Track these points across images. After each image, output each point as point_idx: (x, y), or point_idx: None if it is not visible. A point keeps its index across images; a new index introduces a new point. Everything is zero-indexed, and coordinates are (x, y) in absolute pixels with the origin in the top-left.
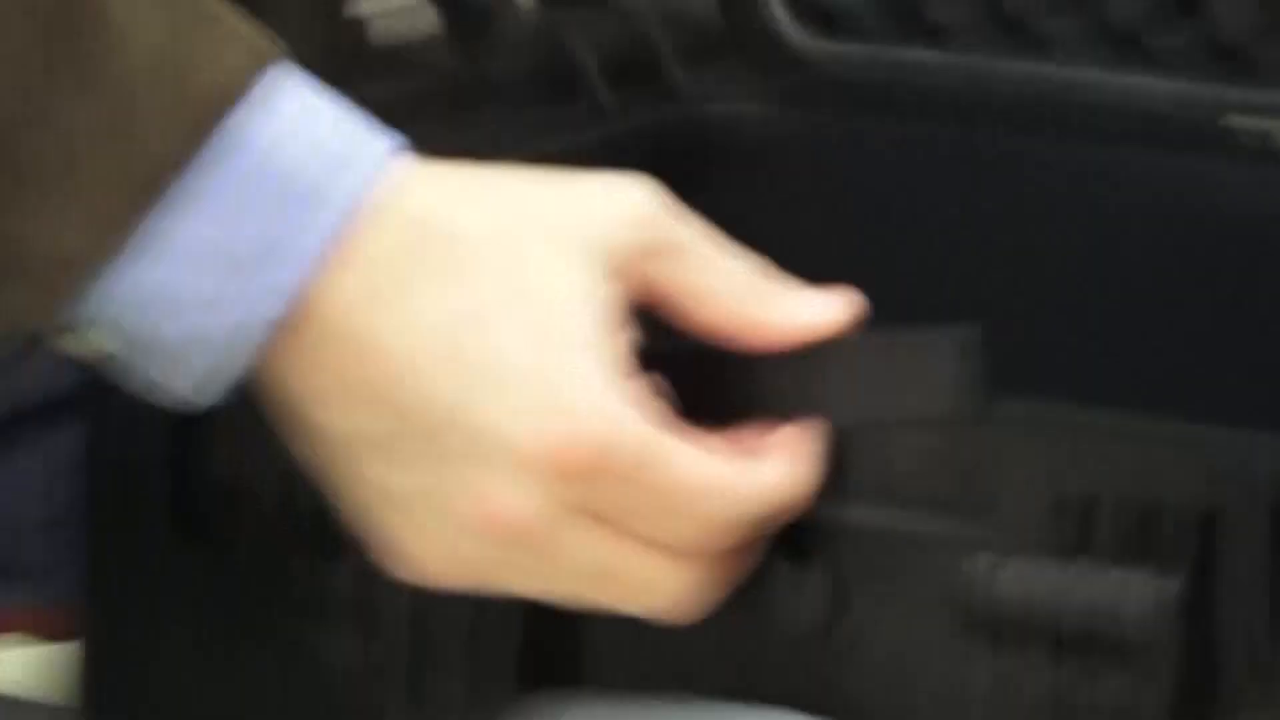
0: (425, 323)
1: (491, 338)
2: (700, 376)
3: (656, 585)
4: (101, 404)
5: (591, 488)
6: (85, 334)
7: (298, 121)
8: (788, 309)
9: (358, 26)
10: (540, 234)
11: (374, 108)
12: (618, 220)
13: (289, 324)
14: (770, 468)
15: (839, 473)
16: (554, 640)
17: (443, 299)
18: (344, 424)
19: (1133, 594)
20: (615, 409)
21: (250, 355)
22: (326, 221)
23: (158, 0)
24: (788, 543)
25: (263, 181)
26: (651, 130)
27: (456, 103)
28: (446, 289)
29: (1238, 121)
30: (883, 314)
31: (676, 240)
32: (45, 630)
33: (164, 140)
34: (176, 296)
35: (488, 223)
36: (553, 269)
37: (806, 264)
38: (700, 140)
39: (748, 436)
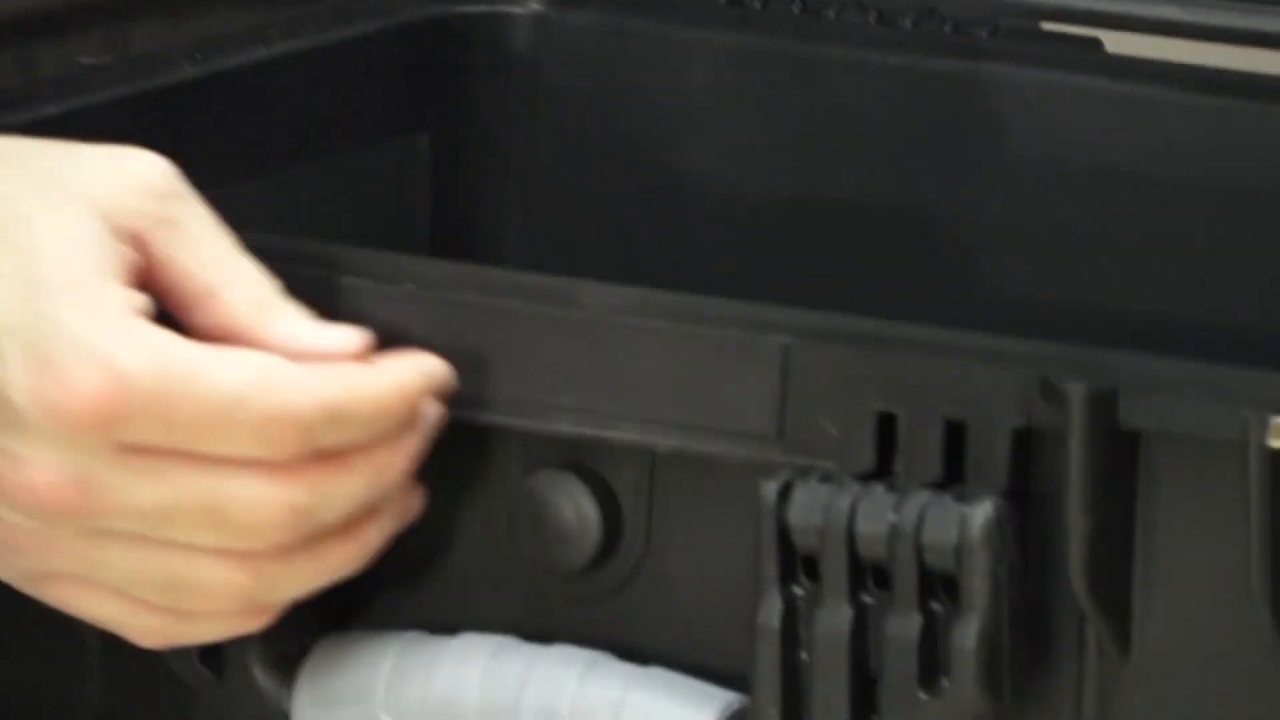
0: None
1: None
2: None
3: (255, 503)
4: None
5: (122, 428)
6: None
7: None
8: (291, 330)
9: None
10: (39, 193)
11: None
12: (125, 185)
13: None
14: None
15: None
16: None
17: None
18: None
19: (940, 517)
20: (111, 345)
21: None
22: None
23: None
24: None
25: None
26: (398, 32)
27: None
28: None
29: None
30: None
31: (185, 221)
32: None
33: None
34: None
35: None
36: (49, 224)
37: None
38: (456, 45)
39: None
